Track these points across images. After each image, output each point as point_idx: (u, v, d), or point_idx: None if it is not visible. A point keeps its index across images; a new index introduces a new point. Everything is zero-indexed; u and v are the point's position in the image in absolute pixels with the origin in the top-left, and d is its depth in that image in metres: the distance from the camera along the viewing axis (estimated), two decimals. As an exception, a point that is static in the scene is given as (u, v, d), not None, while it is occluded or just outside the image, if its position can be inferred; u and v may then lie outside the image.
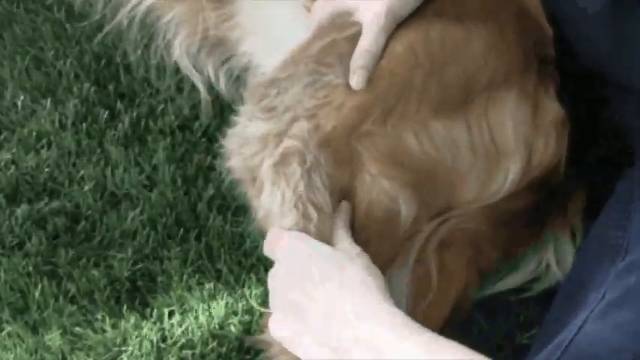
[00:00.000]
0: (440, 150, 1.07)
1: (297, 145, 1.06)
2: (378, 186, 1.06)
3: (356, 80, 1.08)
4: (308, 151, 1.05)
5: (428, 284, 1.12)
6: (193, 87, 1.48)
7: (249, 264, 1.32)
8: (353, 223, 1.07)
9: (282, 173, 1.06)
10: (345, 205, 1.08)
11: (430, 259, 1.11)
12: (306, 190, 1.05)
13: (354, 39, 1.10)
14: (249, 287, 1.30)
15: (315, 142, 1.06)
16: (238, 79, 1.45)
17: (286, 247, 1.04)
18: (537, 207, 1.17)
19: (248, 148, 1.09)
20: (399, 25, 1.10)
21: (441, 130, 1.07)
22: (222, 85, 1.46)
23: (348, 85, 1.07)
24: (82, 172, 1.43)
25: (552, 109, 1.12)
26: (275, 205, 1.06)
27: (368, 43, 1.10)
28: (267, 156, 1.07)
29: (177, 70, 1.50)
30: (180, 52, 1.44)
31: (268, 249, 1.06)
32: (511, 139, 1.10)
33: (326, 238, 1.05)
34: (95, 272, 1.31)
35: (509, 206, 1.12)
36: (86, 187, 1.40)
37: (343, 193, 1.07)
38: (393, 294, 1.01)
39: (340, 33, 1.13)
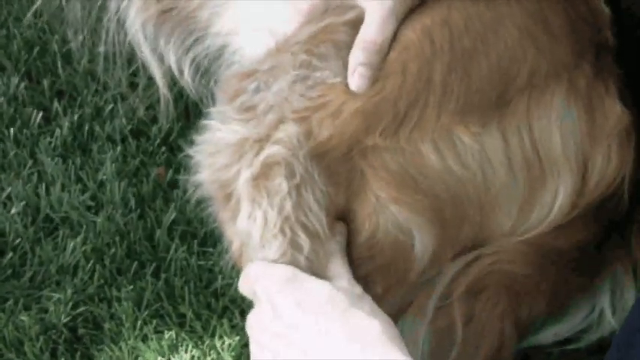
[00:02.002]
0: (467, 167, 1.04)
1: (283, 152, 1.02)
2: (385, 211, 1.03)
3: (356, 81, 1.03)
4: (297, 162, 1.02)
5: (451, 339, 1.08)
6: (150, 81, 1.44)
7: (220, 307, 1.28)
8: (350, 253, 1.05)
9: (263, 188, 1.02)
10: (340, 228, 1.05)
11: (455, 308, 1.08)
12: (294, 210, 1.02)
13: (356, 24, 1.06)
14: (221, 337, 1.25)
15: (306, 152, 1.03)
16: (208, 71, 1.39)
17: (271, 285, 1.00)
18: (594, 244, 1.12)
19: (220, 157, 1.06)
20: (412, 9, 1.07)
21: (469, 141, 1.03)
22: (186, 78, 1.39)
23: (347, 84, 1.04)
24: (8, 190, 1.39)
25: (613, 112, 1.08)
26: (255, 230, 1.03)
27: (372, 31, 1.05)
28: (245, 167, 1.04)
29: (129, 60, 1.45)
30: (137, 28, 1.37)
31: (246, 287, 1.03)
32: (559, 151, 1.06)
33: (319, 272, 1.02)
34: (25, 317, 1.26)
35: (557, 243, 1.09)
36: (14, 210, 1.37)
37: (340, 215, 1.05)
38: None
39: (338, 16, 1.09)
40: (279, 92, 1.05)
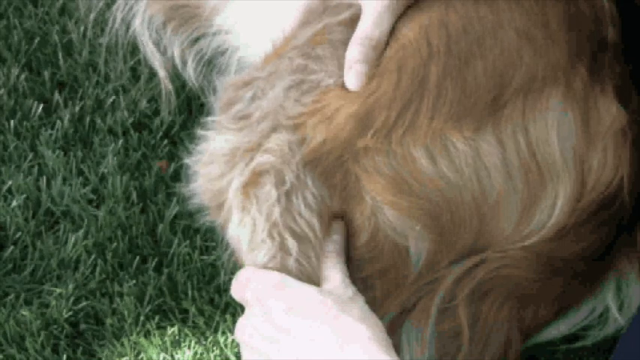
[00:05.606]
0: (462, 172, 1.03)
1: (272, 161, 1.04)
2: (381, 215, 1.04)
3: (353, 78, 1.04)
4: (288, 169, 1.04)
5: (457, 342, 1.07)
6: (152, 74, 1.46)
7: (223, 303, 1.28)
8: (350, 256, 1.06)
9: (252, 196, 1.05)
10: (338, 226, 1.06)
11: (461, 310, 1.07)
12: (282, 216, 1.03)
13: (353, 23, 1.07)
14: (224, 332, 1.26)
15: (299, 160, 1.04)
16: (211, 63, 1.41)
17: (261, 289, 1.01)
18: (598, 253, 1.11)
19: (214, 167, 1.08)
20: (409, 6, 1.08)
21: (462, 146, 1.03)
22: (189, 71, 1.41)
23: (342, 87, 1.05)
24: (9, 184, 1.39)
25: (609, 113, 1.08)
26: (244, 236, 1.05)
27: (369, 27, 1.05)
28: (237, 176, 1.06)
29: (132, 51, 1.47)
30: (143, 20, 1.40)
31: (238, 292, 1.05)
32: (557, 154, 1.06)
33: (311, 274, 1.03)
34: (26, 312, 1.26)
35: (561, 252, 1.08)
36: (14, 203, 1.36)
37: (336, 217, 1.07)
38: (411, 354, 1.00)
39: (334, 16, 1.10)
40: (274, 99, 1.05)
